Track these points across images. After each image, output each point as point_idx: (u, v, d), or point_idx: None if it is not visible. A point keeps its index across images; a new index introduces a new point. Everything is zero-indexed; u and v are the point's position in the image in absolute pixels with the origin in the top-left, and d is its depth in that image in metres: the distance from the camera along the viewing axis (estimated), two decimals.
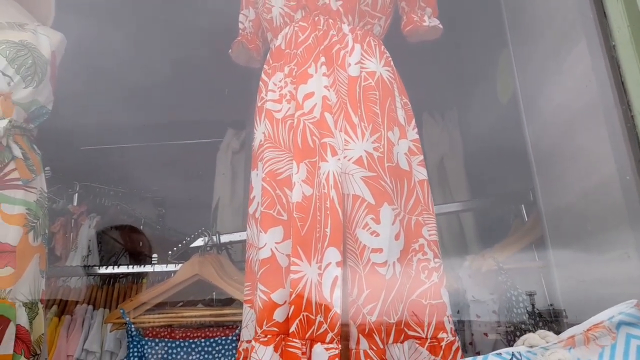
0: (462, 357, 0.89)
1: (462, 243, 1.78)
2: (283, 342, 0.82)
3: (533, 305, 1.28)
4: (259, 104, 1.07)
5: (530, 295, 1.30)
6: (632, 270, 0.85)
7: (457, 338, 0.91)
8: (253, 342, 0.82)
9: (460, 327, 1.35)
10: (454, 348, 0.89)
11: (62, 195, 2.09)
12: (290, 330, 0.81)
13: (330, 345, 0.78)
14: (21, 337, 0.94)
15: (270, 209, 0.91)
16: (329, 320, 0.79)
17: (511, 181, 1.62)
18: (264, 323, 0.83)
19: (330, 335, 0.78)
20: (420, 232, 0.95)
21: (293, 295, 0.83)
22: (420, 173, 0.99)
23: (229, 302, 1.42)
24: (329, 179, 0.87)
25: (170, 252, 1.35)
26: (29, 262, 1.01)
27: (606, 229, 0.92)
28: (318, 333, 0.80)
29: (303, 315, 0.82)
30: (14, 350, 0.92)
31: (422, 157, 1.01)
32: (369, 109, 0.95)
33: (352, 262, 0.86)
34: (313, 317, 0.82)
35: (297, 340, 0.80)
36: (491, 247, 1.44)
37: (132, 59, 1.86)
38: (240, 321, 1.25)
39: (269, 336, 0.82)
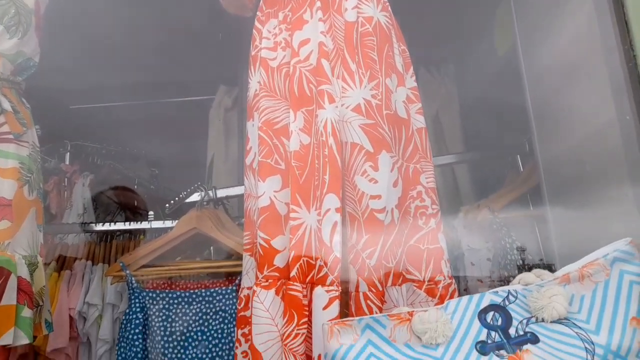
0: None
1: (456, 196, 1.80)
2: (284, 286, 0.83)
3: (523, 260, 1.31)
4: (253, 53, 1.04)
5: (521, 250, 1.33)
6: (631, 220, 0.86)
7: (453, 281, 0.93)
8: (254, 287, 0.84)
9: (455, 275, 1.39)
10: (450, 290, 0.91)
11: (54, 154, 2.07)
12: (291, 275, 0.83)
13: (331, 288, 0.79)
14: (23, 289, 0.95)
15: (268, 158, 0.91)
16: (329, 263, 0.81)
17: (507, 133, 1.62)
18: (265, 268, 0.85)
19: (330, 278, 0.80)
20: (418, 179, 0.95)
21: (293, 241, 0.84)
22: (419, 121, 0.99)
23: (227, 255, 1.44)
24: (326, 126, 0.86)
25: (167, 205, 1.35)
26: (26, 216, 1.00)
27: (604, 176, 0.93)
28: (318, 276, 0.81)
29: (303, 260, 0.84)
30: (17, 301, 0.93)
31: (420, 105, 1.00)
32: (366, 55, 0.93)
33: (350, 209, 0.87)
34: (313, 262, 0.83)
35: (297, 284, 0.81)
36: (486, 198, 1.45)
37: (120, 17, 1.79)
38: (240, 272, 1.28)
39: (270, 281, 0.84)
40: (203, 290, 1.25)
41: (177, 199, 1.33)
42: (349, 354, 0.69)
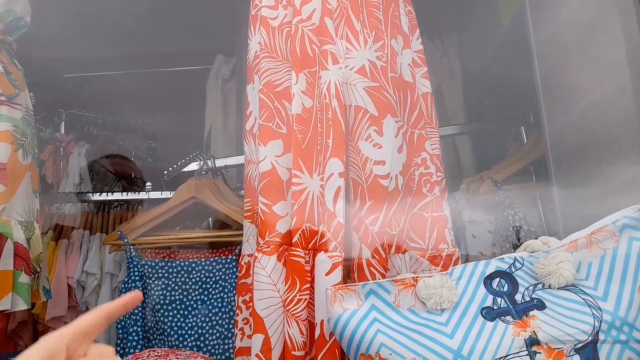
0: None
1: (457, 168, 1.78)
2: (286, 252, 0.82)
3: (519, 239, 1.29)
4: (252, 12, 1.00)
5: (517, 228, 1.32)
6: None
7: (457, 249, 0.91)
8: (256, 253, 0.82)
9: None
10: (454, 258, 0.90)
11: (49, 123, 2.03)
12: (293, 241, 0.81)
13: (334, 254, 0.78)
14: (20, 254, 0.93)
15: (269, 121, 0.88)
16: (332, 229, 0.79)
17: (511, 105, 1.59)
18: (267, 234, 0.83)
19: (333, 243, 0.78)
20: (423, 146, 0.93)
21: (295, 207, 0.82)
22: (424, 86, 0.96)
23: (226, 225, 1.43)
24: (330, 88, 0.83)
25: (165, 172, 1.32)
26: (21, 181, 0.98)
27: (613, 146, 0.91)
28: (321, 242, 0.80)
29: (305, 226, 0.82)
30: (14, 267, 0.91)
31: (426, 69, 0.97)
32: (371, 15, 0.90)
33: (354, 175, 0.85)
34: (315, 228, 0.82)
35: (300, 250, 0.80)
36: (489, 170, 1.43)
37: None
38: (240, 242, 1.27)
39: (271, 247, 0.82)
40: (203, 260, 1.24)
41: (175, 166, 1.30)
42: (353, 319, 0.68)
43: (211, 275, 1.23)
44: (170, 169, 1.30)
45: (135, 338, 1.16)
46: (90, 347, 0.45)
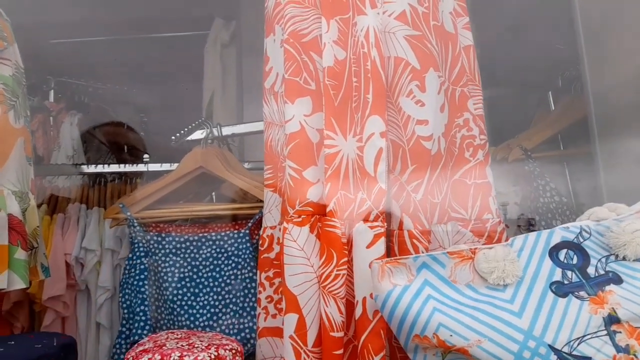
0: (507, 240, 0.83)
1: None
2: (319, 223, 0.73)
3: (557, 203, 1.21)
4: None
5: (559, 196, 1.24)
6: None
7: (502, 219, 0.83)
8: (285, 224, 0.73)
9: None
10: (499, 229, 0.82)
11: (37, 92, 1.89)
12: (328, 210, 0.72)
13: (375, 224, 0.69)
14: (15, 228, 0.83)
15: (296, 76, 0.77)
16: (372, 196, 0.70)
17: (537, 68, 1.49)
18: (297, 203, 0.74)
19: (374, 212, 0.69)
20: (466, 105, 0.84)
21: (329, 172, 0.73)
22: (466, 38, 0.86)
23: (236, 199, 1.33)
24: (368, 36, 0.73)
25: (172, 138, 1.21)
26: (13, 146, 0.87)
27: None
28: (359, 211, 0.71)
29: (340, 193, 0.73)
30: (10, 241, 0.81)
31: (467, 20, 0.87)
32: None
33: (393, 135, 0.75)
34: (352, 196, 0.73)
35: (335, 220, 0.71)
36: (515, 138, 1.35)
37: None
38: (253, 215, 1.18)
39: (303, 216, 0.73)
40: (213, 234, 1.15)
41: (182, 132, 1.19)
42: (405, 296, 0.60)
43: (223, 250, 1.14)
44: (178, 134, 1.20)
45: (143, 318, 1.07)
46: None
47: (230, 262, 1.13)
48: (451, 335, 0.57)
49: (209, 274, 1.12)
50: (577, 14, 1.04)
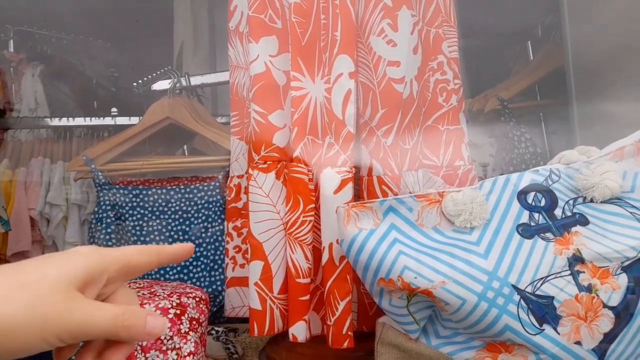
0: None
1: None
2: (285, 169, 0.70)
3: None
4: None
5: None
6: None
7: (474, 166, 0.82)
8: (250, 171, 0.70)
9: None
10: (470, 176, 0.81)
11: None
12: (294, 155, 0.69)
13: (343, 168, 0.67)
14: None
15: (260, 12, 0.72)
16: (340, 140, 0.67)
17: (515, 17, 1.45)
18: (262, 148, 0.71)
19: (342, 157, 0.67)
20: (440, 47, 0.80)
21: (295, 116, 0.70)
22: None
23: (206, 151, 1.29)
24: None
25: (135, 84, 1.15)
26: None
27: None
28: (327, 157, 0.68)
29: (307, 138, 0.70)
30: None
31: None
32: None
33: (364, 77, 0.72)
34: (320, 141, 0.70)
35: (302, 165, 0.68)
36: (493, 88, 1.32)
37: None
38: (223, 167, 1.14)
39: (268, 162, 0.70)
40: (182, 187, 1.11)
41: (145, 79, 1.13)
42: (370, 240, 0.58)
43: (192, 203, 1.11)
44: (140, 81, 1.13)
45: None
46: (120, 289, 0.34)
47: (200, 214, 1.10)
48: (415, 278, 0.56)
49: (179, 227, 1.10)
50: None
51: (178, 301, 0.63)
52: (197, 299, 0.66)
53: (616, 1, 0.90)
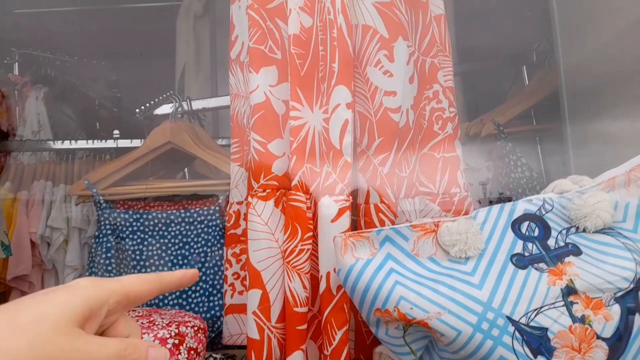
0: None
1: None
2: (284, 197, 0.71)
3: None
4: None
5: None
6: None
7: (469, 193, 0.83)
8: (250, 199, 0.71)
9: None
10: (466, 203, 0.82)
11: (0, 65, 1.81)
12: (293, 184, 0.70)
13: (341, 197, 0.68)
14: None
15: (261, 44, 0.75)
16: (338, 169, 0.68)
17: (511, 43, 1.48)
18: (261, 177, 0.72)
19: (340, 186, 0.68)
20: (435, 76, 0.82)
21: (294, 145, 0.71)
22: (437, 6, 0.83)
23: (207, 175, 1.31)
24: (335, 1, 0.70)
25: (137, 111, 1.17)
26: None
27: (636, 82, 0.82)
28: (325, 185, 0.69)
29: (306, 167, 0.71)
30: None
31: None
32: None
33: (361, 107, 0.74)
34: (318, 169, 0.71)
35: (300, 194, 0.69)
36: (489, 112, 1.34)
37: None
38: (223, 192, 1.15)
39: (267, 190, 0.71)
40: (182, 211, 1.13)
41: (147, 105, 1.15)
42: (367, 270, 0.59)
43: (192, 228, 1.12)
44: (143, 107, 1.16)
45: None
46: (121, 319, 0.34)
47: (200, 239, 1.11)
48: (411, 308, 0.56)
49: (178, 252, 1.10)
50: None
51: (177, 331, 0.63)
52: (196, 328, 0.66)
53: (605, 28, 0.92)
